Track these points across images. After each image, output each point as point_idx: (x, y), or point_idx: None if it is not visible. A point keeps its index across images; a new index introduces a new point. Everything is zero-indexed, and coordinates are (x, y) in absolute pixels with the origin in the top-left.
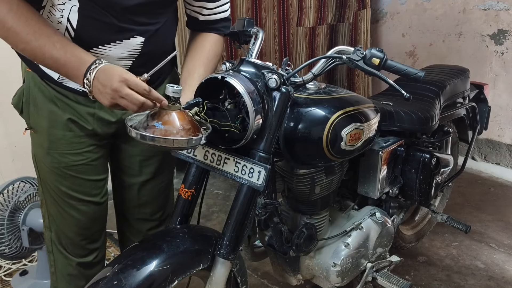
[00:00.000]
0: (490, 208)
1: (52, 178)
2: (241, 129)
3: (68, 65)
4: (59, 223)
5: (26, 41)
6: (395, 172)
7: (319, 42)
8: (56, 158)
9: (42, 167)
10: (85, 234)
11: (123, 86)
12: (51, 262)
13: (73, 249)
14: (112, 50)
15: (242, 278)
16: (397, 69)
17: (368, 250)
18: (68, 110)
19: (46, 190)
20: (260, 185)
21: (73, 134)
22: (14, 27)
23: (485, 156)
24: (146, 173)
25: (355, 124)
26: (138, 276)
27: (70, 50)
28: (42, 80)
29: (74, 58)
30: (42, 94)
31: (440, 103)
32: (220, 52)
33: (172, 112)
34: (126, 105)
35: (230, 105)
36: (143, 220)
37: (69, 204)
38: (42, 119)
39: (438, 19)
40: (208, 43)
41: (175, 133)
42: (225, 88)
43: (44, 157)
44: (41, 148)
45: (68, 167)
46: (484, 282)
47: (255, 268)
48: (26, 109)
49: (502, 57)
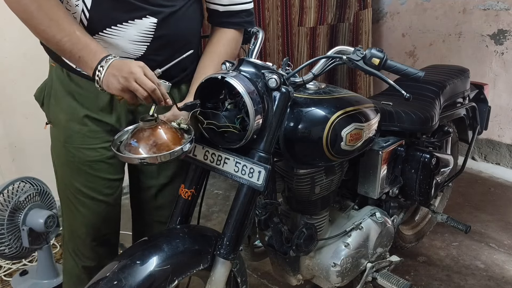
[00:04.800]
0: (490, 208)
1: (66, 173)
2: (241, 129)
3: (83, 50)
4: (70, 221)
5: (47, 24)
6: (395, 172)
7: (319, 42)
8: (71, 152)
9: (59, 161)
10: (95, 235)
11: (140, 71)
12: (63, 260)
13: (82, 249)
14: (125, 30)
15: (242, 278)
16: (397, 69)
17: (368, 250)
18: (86, 103)
19: (61, 186)
20: (260, 185)
21: (88, 128)
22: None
23: (485, 156)
24: (164, 176)
25: (355, 124)
26: (138, 276)
27: (85, 38)
28: (66, 73)
29: (93, 45)
30: (62, 87)
31: (440, 103)
32: (235, 51)
33: (147, 129)
34: (136, 89)
35: (230, 105)
36: (160, 223)
37: (81, 201)
38: (60, 112)
39: (438, 19)
40: (222, 42)
41: (147, 150)
42: (225, 88)
43: (60, 151)
44: (58, 141)
45: (83, 162)
46: (484, 282)
47: (255, 268)
48: (47, 102)
49: (502, 57)
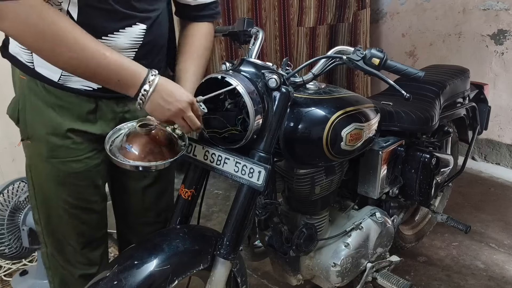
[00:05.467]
0: (490, 208)
1: (51, 188)
2: (241, 130)
3: (121, 73)
4: (58, 234)
5: (74, 49)
6: (395, 172)
7: (319, 42)
8: (55, 167)
9: (40, 177)
10: (86, 242)
11: (189, 108)
12: (50, 278)
13: (75, 258)
14: (116, 40)
15: (242, 278)
16: (397, 69)
17: (368, 250)
18: (68, 116)
19: (43, 202)
20: (260, 185)
21: (72, 141)
22: (61, 34)
23: (485, 156)
24: (149, 177)
25: (355, 124)
26: (138, 276)
27: (120, 58)
28: (41, 85)
29: (126, 66)
30: (40, 101)
31: (440, 103)
32: (211, 44)
33: (143, 134)
34: (183, 125)
35: (230, 105)
36: (147, 224)
37: (69, 212)
38: (41, 126)
39: (438, 19)
40: (197, 37)
41: (142, 157)
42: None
43: (43, 166)
44: (39, 157)
45: (69, 175)
46: (484, 282)
47: (255, 268)
48: (23, 117)
49: (502, 57)
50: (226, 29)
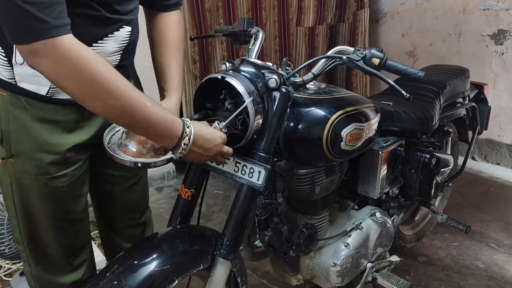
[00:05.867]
0: (490, 208)
1: (38, 206)
2: (242, 130)
3: (160, 127)
4: (43, 250)
5: (116, 96)
6: (395, 172)
7: (318, 42)
8: (44, 183)
9: (26, 196)
10: (72, 251)
11: (223, 146)
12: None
13: (61, 269)
14: (105, 45)
15: (242, 278)
16: (397, 69)
17: (368, 250)
18: (55, 129)
19: (27, 221)
20: (260, 185)
21: (62, 156)
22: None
23: (485, 156)
24: (129, 179)
25: (355, 124)
26: (138, 276)
27: (158, 110)
28: (24, 100)
29: (164, 119)
30: (25, 116)
31: (440, 103)
32: (184, 34)
33: None
34: (220, 160)
35: (230, 105)
36: (131, 227)
37: (56, 227)
38: (27, 142)
39: (438, 19)
40: (171, 28)
41: (144, 154)
42: (225, 88)
43: (29, 184)
44: (26, 175)
45: (57, 189)
46: (484, 282)
47: (255, 268)
48: (6, 135)
49: (502, 57)
50: (226, 29)
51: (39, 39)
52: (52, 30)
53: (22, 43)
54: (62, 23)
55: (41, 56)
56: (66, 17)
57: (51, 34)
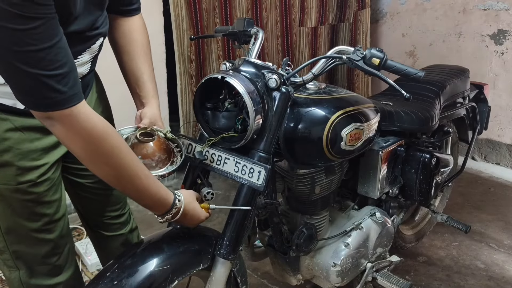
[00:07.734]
0: (490, 208)
1: (20, 215)
2: (240, 131)
3: (153, 199)
4: (28, 258)
5: (117, 167)
6: (395, 172)
7: (321, 42)
8: (26, 191)
9: (8, 205)
10: (58, 255)
11: (206, 215)
12: None
13: (47, 272)
14: (82, 58)
15: (242, 278)
16: (397, 69)
17: (368, 250)
18: (36, 135)
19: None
20: (260, 185)
21: (42, 161)
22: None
23: (485, 156)
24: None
25: (355, 124)
26: (138, 276)
27: (154, 182)
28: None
29: (158, 192)
30: (4, 126)
31: (440, 103)
32: (148, 37)
33: (149, 144)
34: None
35: (230, 105)
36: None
37: (39, 230)
38: (6, 152)
39: (438, 19)
40: (135, 32)
41: (154, 166)
42: (225, 88)
43: (11, 194)
44: (6, 186)
45: (37, 195)
46: (484, 282)
47: (255, 268)
48: None
49: (502, 57)
50: (226, 29)
51: (55, 110)
52: (68, 100)
53: (39, 111)
54: (77, 91)
55: (56, 122)
56: (78, 84)
57: (67, 105)
